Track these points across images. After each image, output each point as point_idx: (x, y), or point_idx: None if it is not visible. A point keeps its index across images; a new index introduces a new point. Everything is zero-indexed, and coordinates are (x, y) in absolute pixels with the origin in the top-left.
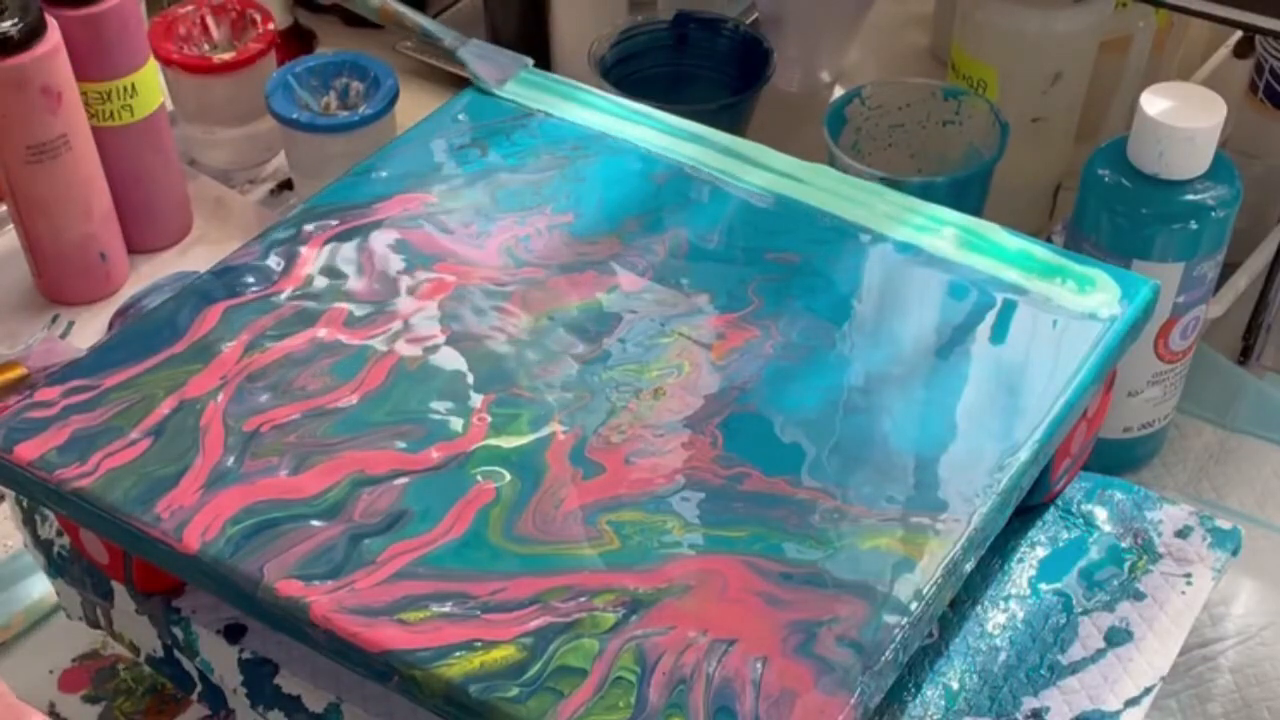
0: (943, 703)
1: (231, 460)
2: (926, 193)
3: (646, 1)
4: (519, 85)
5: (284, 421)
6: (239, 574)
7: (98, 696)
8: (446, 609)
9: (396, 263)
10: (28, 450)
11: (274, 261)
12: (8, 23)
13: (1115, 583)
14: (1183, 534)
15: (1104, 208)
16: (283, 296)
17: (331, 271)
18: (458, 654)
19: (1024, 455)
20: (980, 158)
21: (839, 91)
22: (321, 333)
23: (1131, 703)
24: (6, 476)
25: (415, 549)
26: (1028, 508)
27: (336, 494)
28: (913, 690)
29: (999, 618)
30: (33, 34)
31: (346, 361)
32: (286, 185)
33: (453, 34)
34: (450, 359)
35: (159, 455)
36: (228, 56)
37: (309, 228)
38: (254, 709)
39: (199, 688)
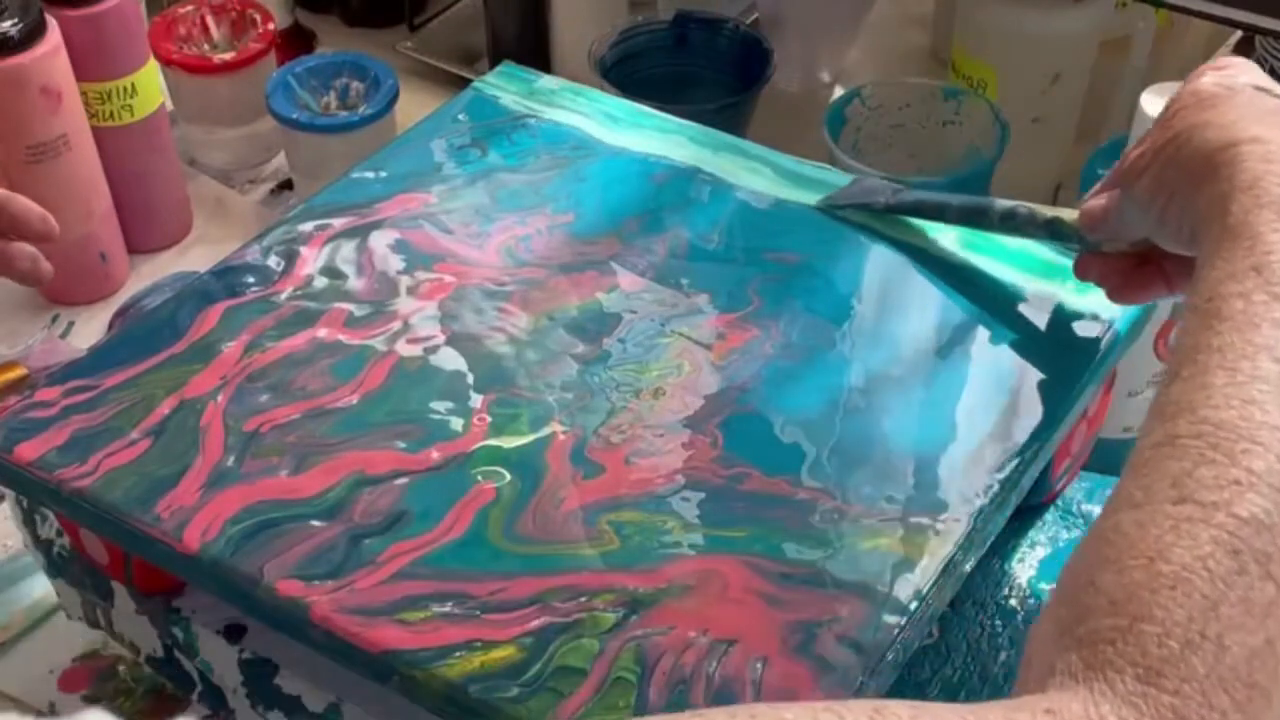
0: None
1: (231, 460)
2: None
3: (646, 1)
4: (521, 91)
5: (284, 421)
6: (239, 574)
7: (97, 696)
8: (446, 609)
9: (396, 263)
10: (28, 450)
11: (274, 261)
12: (8, 23)
13: None
14: None
15: None
16: (283, 296)
17: (331, 271)
18: (458, 654)
19: (1024, 455)
20: (980, 158)
21: (839, 91)
22: (321, 333)
23: None
24: (6, 476)
25: (415, 549)
26: (1028, 508)
27: (336, 494)
28: (913, 690)
29: (999, 618)
30: (33, 34)
31: (346, 361)
32: (286, 185)
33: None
34: (450, 359)
35: (159, 455)
36: (228, 56)
37: (309, 228)
38: (254, 709)
39: (199, 688)
